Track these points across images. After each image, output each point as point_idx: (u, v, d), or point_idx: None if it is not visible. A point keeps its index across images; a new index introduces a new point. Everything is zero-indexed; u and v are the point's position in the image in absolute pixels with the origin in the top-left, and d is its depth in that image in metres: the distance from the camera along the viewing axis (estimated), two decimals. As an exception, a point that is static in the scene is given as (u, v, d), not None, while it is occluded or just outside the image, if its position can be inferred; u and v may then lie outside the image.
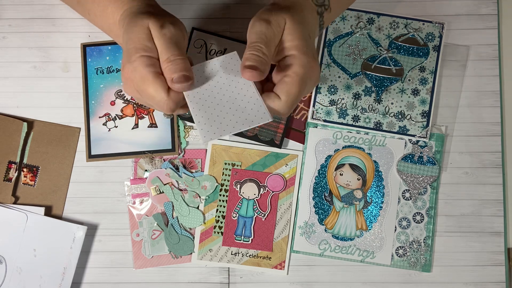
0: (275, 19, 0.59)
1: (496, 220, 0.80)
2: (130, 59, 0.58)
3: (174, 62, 0.57)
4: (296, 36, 0.59)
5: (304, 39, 0.60)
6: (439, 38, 0.81)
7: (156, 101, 0.58)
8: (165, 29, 0.59)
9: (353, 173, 0.80)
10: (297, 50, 0.59)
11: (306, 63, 0.59)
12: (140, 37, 0.58)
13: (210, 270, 0.79)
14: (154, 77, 0.57)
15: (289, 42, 0.59)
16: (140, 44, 0.58)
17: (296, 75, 0.58)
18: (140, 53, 0.58)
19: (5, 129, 0.79)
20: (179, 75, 0.57)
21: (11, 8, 0.82)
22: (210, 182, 0.79)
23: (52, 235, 0.77)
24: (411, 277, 0.79)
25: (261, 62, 0.58)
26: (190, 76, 0.58)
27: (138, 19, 0.59)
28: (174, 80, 0.57)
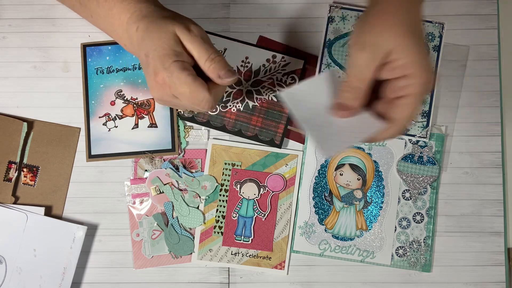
0: (372, 43, 0.55)
1: (496, 220, 0.80)
2: (164, 65, 0.60)
3: (216, 60, 0.61)
4: (410, 52, 0.54)
5: (418, 51, 0.54)
6: (439, 38, 0.81)
7: (198, 100, 0.61)
8: (193, 30, 0.61)
9: (353, 173, 0.80)
10: (414, 67, 0.54)
11: (426, 80, 0.54)
12: (170, 43, 0.60)
13: (210, 270, 0.79)
14: (194, 79, 0.60)
15: (402, 61, 0.54)
16: (171, 51, 0.60)
17: (413, 97, 0.55)
18: (173, 58, 0.60)
19: (5, 129, 0.79)
20: (226, 71, 0.61)
21: (11, 8, 0.82)
22: (210, 182, 0.79)
23: (52, 235, 0.77)
24: (411, 277, 0.79)
25: (350, 98, 0.57)
26: (234, 71, 0.62)
27: (163, 25, 0.61)
28: (222, 76, 0.61)
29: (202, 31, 0.62)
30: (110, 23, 0.67)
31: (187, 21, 0.62)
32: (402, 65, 0.55)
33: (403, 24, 0.55)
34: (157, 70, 0.60)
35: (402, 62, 0.54)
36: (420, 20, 0.57)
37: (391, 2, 0.56)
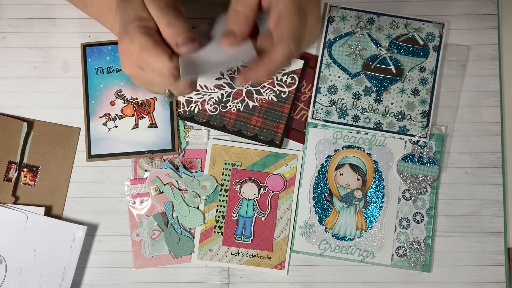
0: None
1: (496, 220, 0.80)
2: (127, 30, 0.55)
3: (174, 24, 0.55)
4: None
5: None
6: (439, 38, 0.81)
7: (158, 70, 0.55)
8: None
9: (353, 173, 0.80)
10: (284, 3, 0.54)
11: (299, 13, 0.54)
12: (135, 8, 0.56)
13: (210, 270, 0.79)
14: (154, 44, 0.54)
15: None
16: (135, 15, 0.56)
17: (290, 3, 0.54)
18: (136, 23, 0.55)
19: (5, 129, 0.79)
20: (183, 38, 0.55)
21: (11, 8, 0.82)
22: (210, 182, 0.79)
23: (52, 235, 0.77)
24: (411, 277, 0.79)
25: (235, 22, 0.55)
26: (194, 37, 0.56)
27: None
28: (179, 43, 0.55)
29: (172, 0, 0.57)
30: (103, 11, 0.65)
31: None
32: None
33: None
34: (121, 36, 0.57)
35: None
36: None
37: None
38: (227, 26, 0.56)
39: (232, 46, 0.56)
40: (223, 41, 0.56)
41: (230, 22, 0.56)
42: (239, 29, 0.55)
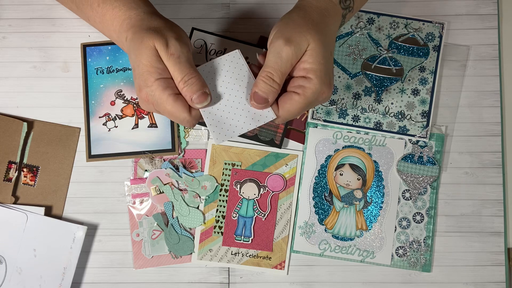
0: (297, 41, 0.59)
1: (496, 220, 0.80)
2: (147, 83, 0.60)
3: (189, 82, 0.59)
4: (317, 60, 0.60)
5: (324, 63, 0.60)
6: (439, 38, 0.81)
7: (179, 120, 0.61)
8: (171, 48, 0.60)
9: (353, 173, 0.80)
10: (315, 75, 0.60)
11: (319, 89, 0.60)
12: (151, 60, 0.59)
13: (210, 270, 0.79)
14: (174, 100, 0.59)
15: (309, 65, 0.60)
16: (153, 68, 0.59)
17: (304, 99, 0.60)
18: (154, 76, 0.59)
19: (5, 129, 0.79)
20: (197, 95, 0.59)
21: (11, 8, 0.82)
22: (210, 182, 0.79)
23: (52, 235, 0.77)
24: (411, 277, 0.79)
25: (270, 92, 0.60)
26: (207, 92, 0.60)
27: (144, 39, 0.60)
28: (194, 101, 0.60)
29: (182, 48, 0.60)
30: (106, 28, 0.67)
31: (169, 33, 0.60)
32: (307, 69, 0.60)
33: (321, 33, 0.60)
34: (141, 87, 0.60)
35: (309, 66, 0.60)
36: (334, 37, 0.65)
37: (316, 12, 0.62)
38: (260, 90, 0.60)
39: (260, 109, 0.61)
40: (254, 104, 0.61)
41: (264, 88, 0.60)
42: (272, 99, 0.60)
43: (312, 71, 0.60)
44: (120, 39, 0.65)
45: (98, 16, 0.66)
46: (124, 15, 0.63)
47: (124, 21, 0.63)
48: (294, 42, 0.59)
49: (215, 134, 0.61)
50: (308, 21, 0.61)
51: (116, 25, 0.64)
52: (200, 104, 0.60)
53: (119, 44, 0.67)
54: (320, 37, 0.60)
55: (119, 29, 0.64)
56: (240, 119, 0.62)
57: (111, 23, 0.65)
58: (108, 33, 0.68)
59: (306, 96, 0.60)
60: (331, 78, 0.62)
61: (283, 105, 0.61)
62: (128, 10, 0.64)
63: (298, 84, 0.61)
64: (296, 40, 0.59)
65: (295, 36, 0.59)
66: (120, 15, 0.64)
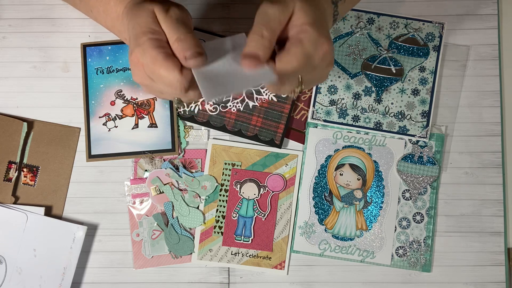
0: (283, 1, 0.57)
1: (496, 220, 0.80)
2: (139, 42, 0.57)
3: (184, 39, 0.57)
4: (309, 14, 0.57)
5: (318, 17, 0.58)
6: (439, 38, 0.81)
7: (169, 82, 0.57)
8: (171, 11, 0.58)
9: (353, 173, 0.80)
10: (309, 25, 0.57)
11: (316, 38, 0.57)
12: (147, 21, 0.58)
13: (210, 270, 0.79)
14: (165, 57, 0.56)
15: (301, 19, 0.57)
16: (147, 28, 0.58)
17: (302, 49, 0.57)
18: (148, 35, 0.57)
19: (5, 129, 0.79)
20: (192, 52, 0.56)
21: (11, 8, 0.82)
22: (210, 182, 0.79)
23: (52, 235, 0.77)
24: (411, 277, 0.79)
25: (260, 47, 0.56)
26: (202, 52, 0.57)
27: (143, 5, 0.59)
28: (187, 57, 0.57)
29: (181, 14, 0.59)
30: (109, 17, 0.66)
31: (172, 3, 0.60)
32: (300, 23, 0.57)
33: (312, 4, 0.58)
34: (132, 48, 0.58)
35: (301, 20, 0.57)
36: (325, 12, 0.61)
37: None
38: (250, 48, 0.57)
39: (254, 68, 0.57)
40: (246, 62, 0.57)
41: (253, 45, 0.57)
42: (264, 53, 0.57)
43: (307, 23, 0.57)
44: (122, 25, 0.63)
45: (102, 4, 0.66)
46: None
47: (128, 4, 0.63)
48: (279, 1, 0.57)
49: (205, 89, 0.57)
50: None
51: (120, 10, 0.64)
52: (193, 61, 0.56)
53: (121, 34, 0.66)
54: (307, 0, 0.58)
55: (122, 13, 0.63)
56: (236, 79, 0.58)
57: (115, 10, 0.64)
58: (111, 23, 0.67)
59: (303, 46, 0.56)
60: (329, 34, 0.59)
61: (281, 58, 0.57)
62: None
63: (295, 37, 0.57)
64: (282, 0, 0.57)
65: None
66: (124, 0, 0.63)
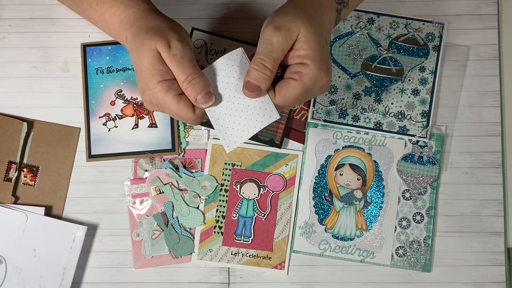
0: (287, 28, 0.58)
1: (496, 220, 0.80)
2: (149, 86, 0.59)
3: (193, 82, 0.59)
4: (312, 46, 0.59)
5: (319, 49, 0.59)
6: (439, 38, 0.81)
7: (184, 119, 0.61)
8: (173, 49, 0.59)
9: (353, 173, 0.80)
10: (311, 60, 0.59)
11: (316, 75, 0.59)
12: (153, 62, 0.59)
13: (210, 270, 0.79)
14: (178, 100, 0.59)
15: (304, 51, 0.59)
16: (155, 70, 0.59)
17: (301, 84, 0.59)
18: (157, 79, 0.59)
19: (5, 129, 0.79)
20: (202, 95, 0.59)
21: (11, 8, 0.82)
22: (210, 182, 0.79)
23: (52, 235, 0.77)
24: (411, 277, 0.79)
25: (262, 79, 0.58)
26: (212, 92, 0.60)
27: (145, 41, 0.59)
28: (198, 100, 0.59)
29: (184, 49, 0.59)
30: (106, 27, 0.67)
31: (170, 34, 0.60)
32: (302, 55, 0.59)
33: (313, 21, 0.60)
34: (144, 89, 0.60)
35: (303, 52, 0.59)
36: (329, 28, 0.64)
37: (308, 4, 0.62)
38: (252, 77, 0.59)
39: (253, 98, 0.60)
40: (246, 93, 0.60)
41: (256, 76, 0.59)
42: (265, 84, 0.59)
43: (308, 56, 0.59)
44: (120, 38, 0.64)
45: (97, 15, 0.66)
46: (123, 13, 0.63)
47: (123, 20, 0.63)
48: (284, 28, 0.58)
49: (225, 142, 0.61)
50: (299, 10, 0.60)
51: (115, 24, 0.64)
52: (204, 104, 0.59)
53: (118, 41, 0.67)
54: (312, 24, 0.59)
55: (118, 28, 0.64)
56: (246, 122, 0.61)
57: (110, 22, 0.65)
58: (108, 32, 0.67)
59: (303, 82, 0.59)
60: (328, 65, 0.60)
61: (280, 91, 0.60)
62: (126, 8, 0.63)
63: (295, 70, 0.59)
64: (286, 27, 0.58)
65: (285, 24, 0.59)
66: (119, 14, 0.63)
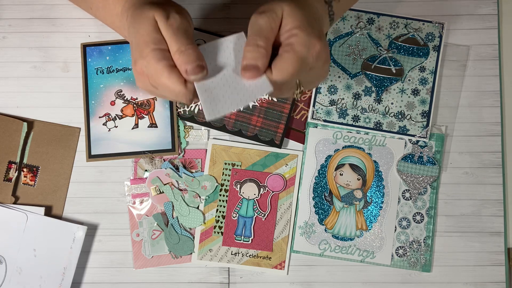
0: (270, 8, 0.58)
1: (496, 220, 0.80)
2: (142, 54, 0.58)
3: (185, 52, 0.57)
4: (297, 18, 0.58)
5: (306, 20, 0.58)
6: (439, 38, 0.81)
7: (174, 93, 0.58)
8: (171, 19, 0.58)
9: (353, 173, 0.80)
10: (298, 29, 0.58)
11: (307, 41, 0.57)
12: (148, 30, 0.57)
13: (210, 270, 0.79)
14: (170, 71, 0.57)
15: (290, 24, 0.58)
16: (149, 37, 0.57)
17: (294, 53, 0.57)
18: (150, 46, 0.57)
19: (5, 129, 0.79)
20: (192, 66, 0.57)
21: (11, 8, 0.82)
22: (210, 182, 0.79)
23: (52, 235, 0.77)
24: (411, 277, 0.79)
25: (258, 57, 0.57)
26: (203, 65, 0.57)
27: (144, 11, 0.58)
28: (188, 72, 0.57)
29: (182, 21, 0.59)
30: (108, 14, 0.66)
31: (171, 7, 0.59)
32: (289, 28, 0.58)
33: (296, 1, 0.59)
34: (136, 58, 0.59)
35: (289, 25, 0.58)
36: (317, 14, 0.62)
37: None
38: (248, 59, 0.57)
39: (254, 79, 0.58)
40: (246, 74, 0.58)
41: (250, 56, 0.57)
42: (262, 62, 0.57)
43: (295, 27, 0.58)
44: (121, 22, 0.63)
45: (101, 1, 0.66)
46: None
47: (126, 2, 0.62)
48: (267, 10, 0.58)
49: (207, 109, 0.58)
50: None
51: (118, 8, 0.63)
52: (194, 76, 0.57)
53: (120, 30, 0.66)
54: (296, 3, 0.59)
55: (121, 11, 0.63)
56: (236, 95, 0.59)
57: (114, 7, 0.64)
58: (110, 20, 0.67)
59: (295, 50, 0.57)
60: (321, 33, 0.59)
61: (275, 65, 0.58)
62: None
63: (286, 43, 0.58)
64: (270, 8, 0.58)
65: (268, 7, 0.58)
66: None
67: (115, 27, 0.67)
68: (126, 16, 0.62)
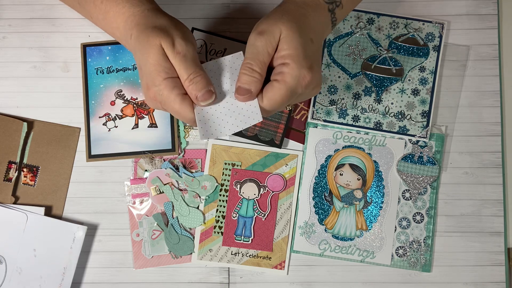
0: (269, 30, 0.60)
1: (496, 220, 0.80)
2: (155, 82, 0.60)
3: (195, 80, 0.60)
4: (293, 45, 0.60)
5: (301, 48, 0.60)
6: (439, 38, 0.81)
7: (185, 119, 0.62)
8: (177, 46, 0.60)
9: (353, 173, 0.80)
10: (291, 59, 0.60)
11: (298, 73, 0.60)
12: (158, 59, 0.60)
13: (210, 270, 0.79)
14: (182, 100, 0.60)
15: (284, 51, 0.60)
16: (160, 67, 0.60)
17: (284, 84, 0.60)
18: (162, 76, 0.60)
19: (5, 129, 0.79)
20: (202, 93, 0.60)
21: (11, 8, 0.82)
22: (210, 182, 0.79)
23: (52, 235, 0.77)
24: (411, 277, 0.79)
25: (251, 82, 0.60)
26: (212, 91, 0.61)
27: (150, 38, 0.60)
28: (198, 98, 0.60)
29: (187, 47, 0.61)
30: (109, 26, 0.67)
31: (176, 32, 0.61)
32: (284, 55, 0.60)
33: (296, 22, 0.61)
34: (149, 85, 0.61)
35: (284, 52, 0.60)
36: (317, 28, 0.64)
37: (293, 4, 0.63)
38: (242, 82, 0.60)
39: (245, 101, 0.61)
40: (239, 97, 0.61)
41: (245, 79, 0.60)
42: (255, 87, 0.60)
43: (289, 56, 0.60)
44: (124, 37, 0.65)
45: (101, 13, 0.67)
46: (128, 12, 0.64)
47: (128, 18, 0.63)
48: (266, 32, 0.60)
49: (201, 130, 0.61)
50: (283, 14, 0.62)
51: (120, 23, 0.64)
52: (204, 102, 0.61)
53: (122, 42, 0.67)
54: (293, 24, 0.60)
55: (123, 27, 0.64)
56: (230, 120, 0.62)
57: (114, 21, 0.65)
58: (111, 31, 0.68)
59: (285, 81, 0.60)
60: (313, 64, 0.61)
61: (266, 94, 0.61)
62: (131, 7, 0.64)
63: (278, 71, 0.61)
64: (269, 30, 0.60)
65: (267, 27, 0.60)
66: (124, 12, 0.64)
67: (115, 37, 0.68)
68: (130, 34, 0.63)
